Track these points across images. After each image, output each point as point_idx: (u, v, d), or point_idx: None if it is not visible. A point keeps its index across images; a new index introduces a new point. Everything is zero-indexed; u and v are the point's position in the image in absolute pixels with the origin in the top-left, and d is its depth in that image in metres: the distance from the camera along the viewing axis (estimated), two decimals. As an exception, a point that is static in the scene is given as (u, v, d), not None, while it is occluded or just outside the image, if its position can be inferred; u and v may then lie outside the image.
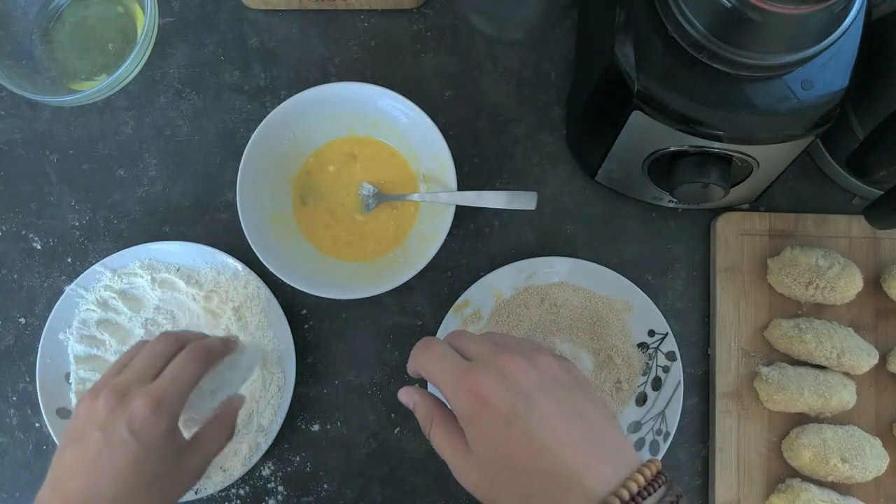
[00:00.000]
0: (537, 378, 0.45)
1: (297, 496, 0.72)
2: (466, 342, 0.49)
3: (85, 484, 0.53)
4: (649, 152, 0.62)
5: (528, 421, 0.43)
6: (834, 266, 0.68)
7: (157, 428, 0.54)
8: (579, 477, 0.42)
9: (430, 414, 0.49)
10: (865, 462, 0.66)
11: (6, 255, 0.74)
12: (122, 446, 0.53)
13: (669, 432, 0.69)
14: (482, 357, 0.47)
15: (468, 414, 0.45)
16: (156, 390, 0.55)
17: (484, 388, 0.44)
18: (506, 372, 0.45)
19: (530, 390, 0.44)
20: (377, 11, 0.75)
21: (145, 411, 0.54)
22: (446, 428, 0.48)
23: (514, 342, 0.49)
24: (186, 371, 0.57)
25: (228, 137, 0.74)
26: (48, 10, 0.73)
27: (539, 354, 0.47)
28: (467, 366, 0.46)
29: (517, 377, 0.45)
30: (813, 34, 0.50)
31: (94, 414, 0.55)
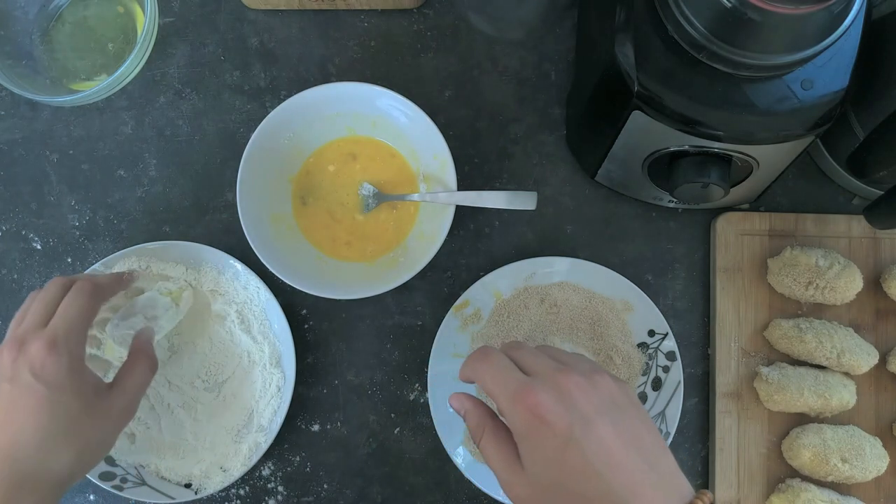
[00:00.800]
0: (597, 399, 0.45)
1: (297, 496, 0.72)
2: (525, 356, 0.48)
3: (4, 437, 0.54)
4: (649, 152, 0.62)
5: (585, 443, 0.43)
6: (834, 266, 0.68)
7: (57, 366, 0.55)
8: (618, 493, 0.42)
9: (482, 424, 0.48)
10: (865, 462, 0.66)
11: (6, 255, 0.74)
12: (29, 391, 0.54)
13: (669, 432, 0.69)
14: (542, 373, 0.46)
15: (524, 430, 0.45)
16: (49, 331, 0.56)
17: (542, 406, 0.44)
18: (565, 391, 0.44)
19: (589, 412, 0.44)
20: (377, 11, 0.75)
21: (42, 352, 0.55)
22: (498, 440, 0.47)
23: (573, 360, 0.48)
24: (75, 306, 0.58)
25: (228, 137, 0.74)
26: (48, 10, 0.73)
27: (598, 375, 0.46)
28: (527, 381, 0.45)
29: (576, 397, 0.44)
30: (813, 34, 0.50)
31: (0, 368, 0.56)
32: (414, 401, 0.72)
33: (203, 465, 0.69)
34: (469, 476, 0.68)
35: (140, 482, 0.69)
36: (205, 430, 0.70)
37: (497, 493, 0.68)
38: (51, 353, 0.55)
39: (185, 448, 0.70)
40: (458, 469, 0.69)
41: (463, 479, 0.69)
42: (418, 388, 0.72)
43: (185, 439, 0.70)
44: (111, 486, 0.68)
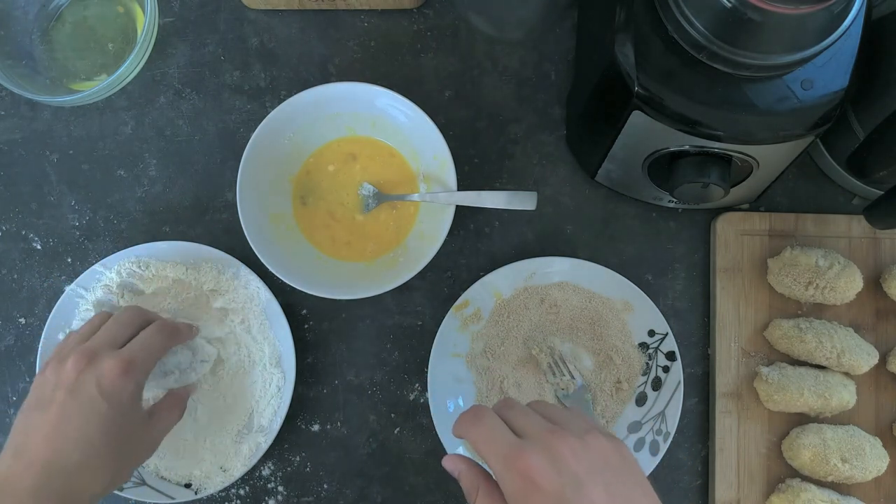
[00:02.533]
0: (588, 461, 0.44)
1: (297, 496, 0.72)
2: (517, 416, 0.48)
3: (51, 448, 0.53)
4: (649, 152, 0.62)
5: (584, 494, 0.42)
6: (834, 266, 0.68)
7: (125, 390, 0.55)
8: None
9: (476, 485, 0.47)
10: (865, 462, 0.66)
11: (6, 255, 0.74)
12: (90, 406, 0.54)
13: (669, 432, 0.69)
14: (533, 434, 0.45)
15: (516, 493, 0.44)
16: (126, 354, 0.57)
17: (533, 469, 0.43)
18: (557, 453, 0.44)
19: (581, 474, 0.43)
20: (377, 11, 0.75)
21: (115, 371, 0.55)
22: (492, 501, 0.46)
23: (566, 418, 0.48)
24: (155, 341, 0.60)
25: (228, 137, 0.74)
26: (48, 10, 0.73)
27: (591, 435, 0.46)
28: (518, 444, 0.45)
29: (568, 459, 0.43)
30: (813, 34, 0.50)
31: (62, 376, 0.55)
32: (414, 401, 0.72)
33: (203, 465, 0.69)
34: (469, 476, 0.68)
35: (140, 482, 0.69)
36: (205, 430, 0.70)
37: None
38: (123, 375, 0.55)
39: (185, 448, 0.70)
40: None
41: (463, 479, 0.69)
42: (418, 388, 0.72)
43: (184, 439, 0.70)
44: (111, 486, 0.68)
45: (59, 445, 0.53)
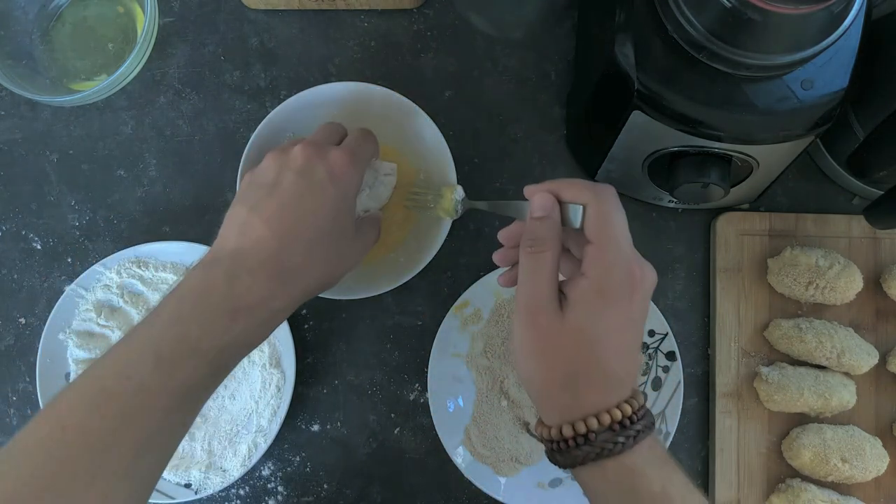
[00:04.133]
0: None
1: (296, 496, 0.71)
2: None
3: (285, 225, 0.52)
4: (649, 152, 0.62)
5: (640, 327, 0.48)
6: (834, 266, 0.68)
7: (352, 179, 0.55)
8: (624, 380, 0.47)
9: (556, 240, 0.48)
10: (865, 462, 0.66)
11: (6, 255, 0.74)
12: (320, 188, 0.53)
13: (669, 432, 0.69)
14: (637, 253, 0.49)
15: (611, 287, 0.46)
16: (350, 146, 0.57)
17: (648, 282, 0.48)
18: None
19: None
20: (377, 11, 0.75)
21: (344, 158, 0.54)
22: (555, 265, 0.48)
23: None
24: (368, 140, 0.59)
25: (228, 137, 0.74)
26: (48, 10, 0.73)
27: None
28: (640, 258, 0.48)
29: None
30: (813, 34, 0.50)
31: (289, 161, 0.54)
32: (414, 401, 0.72)
33: (203, 466, 0.69)
34: (469, 476, 0.68)
35: (140, 482, 0.69)
36: (205, 430, 0.70)
37: (497, 493, 0.68)
38: (351, 163, 0.54)
39: (185, 448, 0.70)
40: (458, 469, 0.68)
41: (463, 479, 0.69)
42: (418, 388, 0.72)
43: (184, 439, 0.70)
44: (111, 486, 0.68)
45: (290, 224, 0.52)
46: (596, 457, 0.45)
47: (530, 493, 0.69)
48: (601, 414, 0.45)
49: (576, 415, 0.46)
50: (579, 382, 0.46)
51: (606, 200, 0.48)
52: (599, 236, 0.47)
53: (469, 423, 0.70)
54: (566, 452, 0.46)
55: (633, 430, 0.45)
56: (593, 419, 0.45)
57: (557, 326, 0.46)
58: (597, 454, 0.45)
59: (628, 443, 0.45)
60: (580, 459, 0.45)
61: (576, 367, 0.46)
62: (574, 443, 0.45)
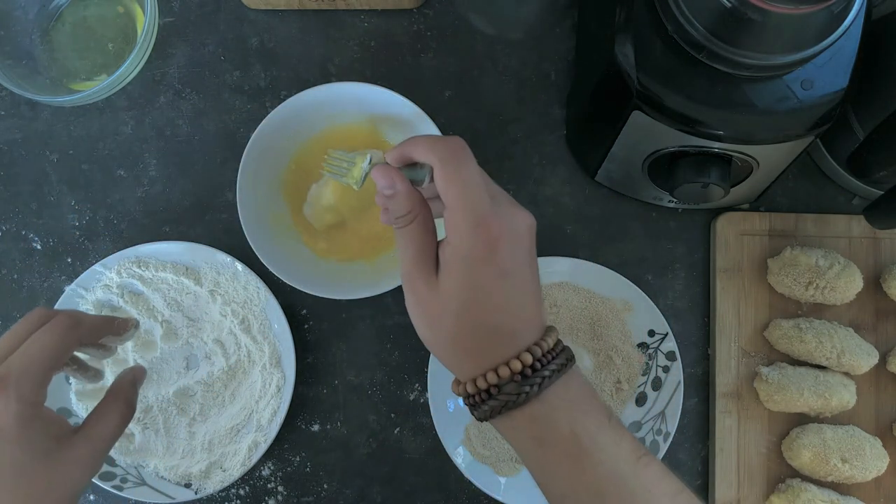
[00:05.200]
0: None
1: (296, 496, 0.71)
2: (490, 182, 0.49)
3: None
4: (649, 152, 0.61)
5: (515, 281, 0.47)
6: (834, 266, 0.68)
7: (4, 413, 0.47)
8: (519, 330, 0.47)
9: (416, 211, 0.48)
10: (865, 462, 0.66)
11: (6, 255, 0.74)
12: None
13: (669, 432, 0.69)
14: (501, 199, 0.48)
15: (470, 252, 0.46)
16: (1, 370, 0.48)
17: (501, 241, 0.46)
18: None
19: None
20: (377, 11, 0.75)
21: None
22: (426, 233, 0.48)
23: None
24: (39, 344, 0.50)
25: (228, 137, 0.74)
26: (48, 9, 0.73)
27: None
28: (496, 210, 0.47)
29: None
30: (813, 34, 0.50)
31: None
32: (414, 401, 0.72)
33: (203, 465, 0.69)
34: (469, 476, 0.68)
35: (140, 482, 0.69)
36: (204, 430, 0.70)
37: (497, 493, 0.68)
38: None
39: (185, 448, 0.70)
40: (458, 469, 0.68)
41: (463, 479, 0.69)
42: (418, 388, 0.72)
43: (184, 439, 0.70)
44: (111, 486, 0.68)
45: None
46: (503, 409, 0.45)
47: (530, 493, 0.69)
48: (500, 367, 0.45)
49: (478, 371, 0.46)
50: (469, 342, 0.46)
51: (449, 159, 0.47)
52: (447, 200, 0.47)
53: (469, 423, 0.70)
54: (478, 407, 0.47)
55: (538, 377, 0.45)
56: (492, 373, 0.45)
57: (434, 293, 0.47)
58: (503, 406, 0.45)
59: (533, 391, 0.45)
60: (489, 412, 0.46)
61: (459, 328, 0.46)
62: (481, 398, 0.46)
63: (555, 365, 0.46)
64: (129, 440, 0.70)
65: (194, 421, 0.70)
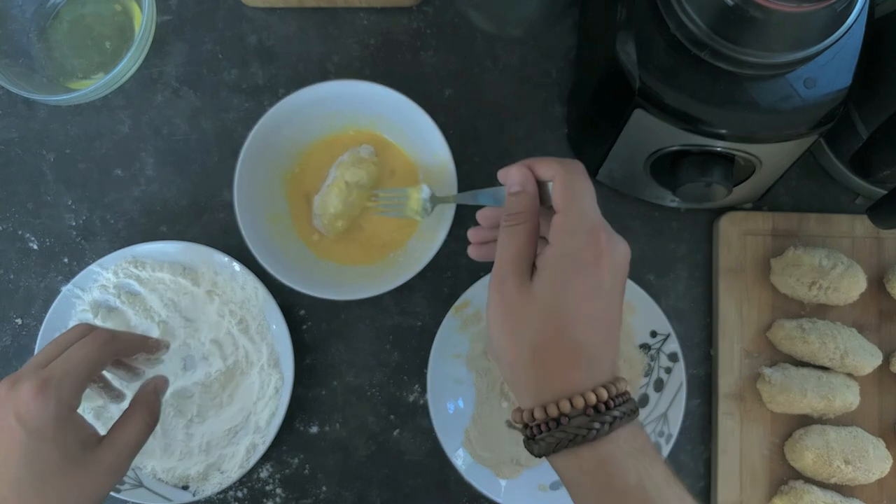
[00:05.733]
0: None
1: (295, 498, 0.71)
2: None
3: None
4: (651, 151, 0.61)
5: (613, 298, 0.47)
6: (837, 266, 0.67)
7: (43, 413, 0.49)
8: (598, 358, 0.46)
9: (531, 214, 0.49)
10: (869, 464, 0.66)
11: (2, 255, 0.74)
12: (7, 434, 0.50)
13: (672, 434, 0.68)
14: (608, 224, 0.49)
15: (574, 255, 0.46)
16: (44, 373, 0.51)
17: (615, 250, 0.47)
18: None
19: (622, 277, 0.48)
20: (376, 9, 0.74)
21: (29, 394, 0.50)
22: (531, 238, 0.48)
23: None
24: (79, 353, 0.53)
25: (226, 136, 0.74)
26: (45, 8, 0.73)
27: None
28: (605, 223, 0.48)
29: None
30: (816, 32, 0.50)
31: None
32: (413, 402, 0.72)
33: (200, 467, 0.68)
34: (469, 478, 0.68)
35: (137, 484, 0.69)
36: (202, 431, 0.70)
37: (497, 496, 0.68)
38: (38, 396, 0.49)
39: (182, 450, 0.69)
40: (457, 471, 0.68)
41: (463, 481, 0.68)
42: (418, 389, 0.72)
43: (182, 441, 0.69)
44: (108, 488, 0.68)
45: None
46: (569, 443, 0.44)
47: (531, 495, 0.68)
48: (574, 396, 0.44)
49: (548, 397, 0.45)
50: (550, 357, 0.45)
51: (573, 172, 0.48)
52: (564, 204, 0.47)
53: (469, 425, 0.69)
54: (541, 439, 0.45)
55: (609, 416, 0.44)
56: (566, 402, 0.44)
57: (525, 295, 0.46)
58: (570, 440, 0.44)
59: (603, 429, 0.44)
60: (553, 446, 0.44)
61: (543, 337, 0.45)
62: (547, 427, 0.45)
63: (625, 408, 0.45)
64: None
65: (192, 422, 0.70)
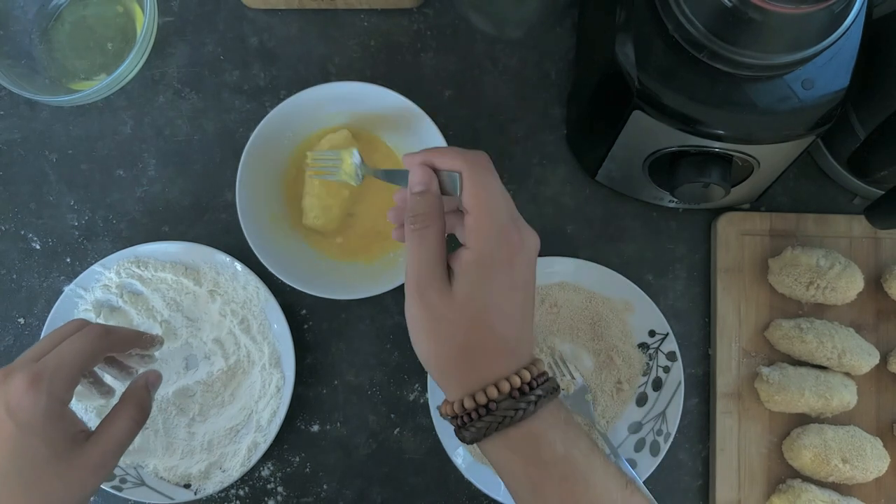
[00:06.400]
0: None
1: (296, 497, 0.71)
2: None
3: None
4: (650, 152, 0.61)
5: (528, 290, 0.48)
6: (835, 266, 0.68)
7: (34, 406, 0.49)
8: (518, 347, 0.48)
9: (436, 215, 0.49)
10: (866, 462, 0.66)
11: (5, 255, 0.74)
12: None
13: (670, 433, 0.69)
14: (517, 215, 0.49)
15: (489, 257, 0.47)
16: (36, 367, 0.50)
17: (525, 248, 0.48)
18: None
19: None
20: (377, 11, 0.75)
21: (21, 387, 0.49)
22: (441, 239, 0.49)
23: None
24: (73, 347, 0.53)
25: (228, 137, 0.74)
26: (47, 9, 0.73)
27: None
28: (518, 224, 0.48)
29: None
30: (813, 34, 0.50)
31: None
32: (414, 401, 0.72)
33: (202, 466, 0.69)
34: (469, 476, 0.68)
35: (139, 482, 0.69)
36: (204, 430, 0.70)
37: (497, 494, 0.68)
38: (30, 389, 0.49)
39: (184, 448, 0.69)
40: (458, 469, 0.68)
41: (463, 479, 0.68)
42: (418, 388, 0.72)
43: (183, 439, 0.70)
44: (110, 486, 0.68)
45: None
46: (498, 426, 0.45)
47: (530, 493, 0.68)
48: (500, 382, 0.46)
49: (475, 386, 0.46)
50: (475, 353, 0.47)
51: (478, 168, 0.48)
52: (473, 206, 0.47)
53: (469, 424, 0.69)
54: (471, 426, 0.46)
55: (533, 396, 0.46)
56: (493, 388, 0.46)
57: (447, 301, 0.47)
58: (499, 423, 0.45)
59: (529, 408, 0.45)
60: (484, 430, 0.46)
61: (469, 337, 0.47)
62: (477, 414, 0.46)
63: (546, 387, 0.47)
64: (129, 440, 0.70)
65: (194, 421, 0.70)
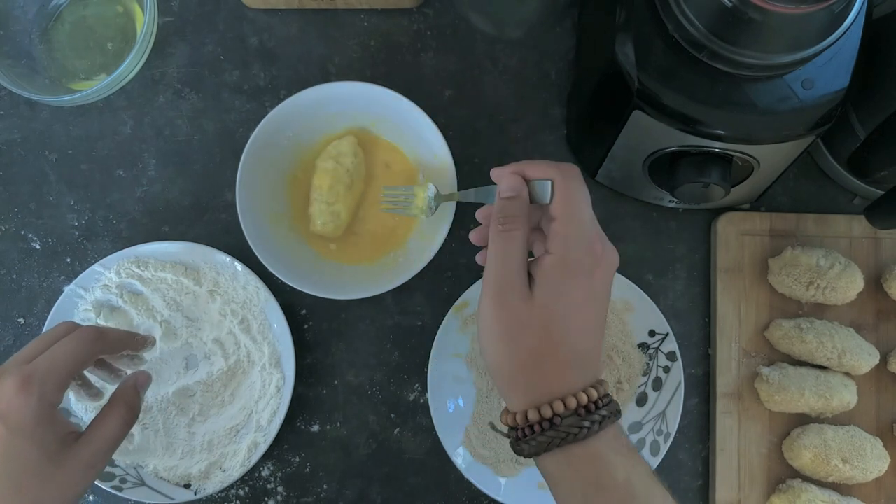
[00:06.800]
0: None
1: (296, 497, 0.71)
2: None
3: None
4: (650, 152, 0.61)
5: (605, 303, 0.49)
6: (835, 266, 0.68)
7: (24, 408, 0.49)
8: (588, 362, 0.47)
9: (522, 219, 0.49)
10: (866, 462, 0.66)
11: (5, 255, 0.74)
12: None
13: (670, 433, 0.69)
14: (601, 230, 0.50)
15: (576, 264, 0.47)
16: (27, 369, 0.50)
17: (609, 261, 0.49)
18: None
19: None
20: (377, 11, 0.75)
21: (12, 389, 0.49)
22: (524, 244, 0.48)
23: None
24: (64, 350, 0.53)
25: (228, 137, 0.74)
26: (47, 9, 0.73)
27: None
28: (604, 237, 0.50)
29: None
30: (813, 34, 0.50)
31: None
32: (414, 401, 0.72)
33: (202, 466, 0.69)
34: (469, 477, 0.68)
35: (139, 482, 0.69)
36: (204, 430, 0.70)
37: (497, 494, 0.68)
38: (20, 392, 0.49)
39: (184, 448, 0.69)
40: (458, 469, 0.68)
41: (463, 479, 0.68)
42: (418, 388, 0.72)
43: (183, 439, 0.70)
44: (110, 486, 0.68)
45: None
46: (561, 442, 0.45)
47: (530, 493, 0.69)
48: (567, 397, 0.45)
49: (541, 399, 0.46)
50: (546, 362, 0.46)
51: (571, 177, 0.49)
52: (563, 213, 0.48)
53: (469, 424, 0.69)
54: (531, 439, 0.46)
55: (598, 416, 0.45)
56: (559, 402, 0.45)
57: (526, 305, 0.46)
58: (562, 439, 0.45)
59: (594, 428, 0.45)
60: (545, 445, 0.45)
61: (543, 345, 0.46)
62: (539, 427, 0.45)
63: (611, 408, 0.46)
64: (129, 440, 0.70)
65: (194, 421, 0.70)
